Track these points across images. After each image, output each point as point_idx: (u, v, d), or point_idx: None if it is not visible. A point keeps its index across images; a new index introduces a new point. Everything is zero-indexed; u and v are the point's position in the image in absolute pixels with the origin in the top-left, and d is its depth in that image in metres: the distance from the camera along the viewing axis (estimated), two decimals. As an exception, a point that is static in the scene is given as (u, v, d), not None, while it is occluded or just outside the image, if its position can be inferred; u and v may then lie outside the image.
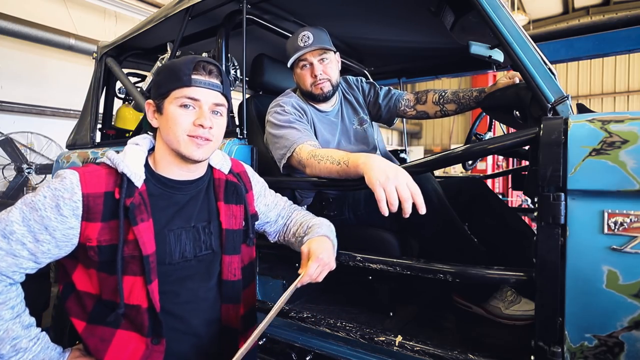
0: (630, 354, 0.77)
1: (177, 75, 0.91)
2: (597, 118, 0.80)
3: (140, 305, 0.87)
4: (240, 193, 1.07)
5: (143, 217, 0.88)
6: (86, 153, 1.96)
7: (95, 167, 0.91)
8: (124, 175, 0.88)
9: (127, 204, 0.86)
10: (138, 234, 0.86)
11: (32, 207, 0.82)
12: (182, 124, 0.91)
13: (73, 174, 0.86)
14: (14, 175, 4.61)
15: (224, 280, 1.00)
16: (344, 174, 1.14)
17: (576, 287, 0.80)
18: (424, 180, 1.27)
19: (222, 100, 0.96)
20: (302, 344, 1.28)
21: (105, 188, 0.87)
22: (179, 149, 0.92)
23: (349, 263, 1.17)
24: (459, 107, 1.59)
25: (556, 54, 1.79)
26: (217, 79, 0.95)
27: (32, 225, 0.82)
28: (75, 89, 5.21)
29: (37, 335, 0.85)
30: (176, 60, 0.96)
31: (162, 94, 0.93)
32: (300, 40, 1.43)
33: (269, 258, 1.50)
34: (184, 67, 0.91)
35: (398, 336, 1.09)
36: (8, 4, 4.72)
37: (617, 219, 0.76)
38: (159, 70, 0.98)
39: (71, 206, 0.83)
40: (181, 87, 0.91)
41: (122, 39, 1.97)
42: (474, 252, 1.25)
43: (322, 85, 1.48)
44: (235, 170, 1.11)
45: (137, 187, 0.89)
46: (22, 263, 0.83)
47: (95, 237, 0.85)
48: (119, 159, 0.90)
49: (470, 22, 1.39)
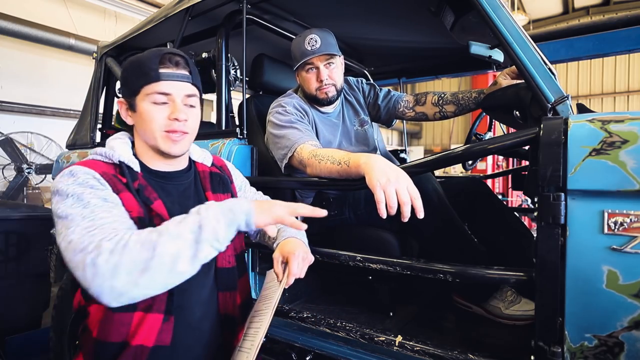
0: (630, 354, 0.77)
1: (144, 71, 0.89)
2: (597, 118, 0.80)
3: None
4: (226, 182, 1.08)
5: (154, 195, 0.88)
6: (86, 153, 1.96)
7: (87, 160, 0.89)
8: (122, 163, 0.88)
9: (135, 186, 0.86)
10: (157, 208, 0.86)
11: (78, 198, 0.78)
12: (157, 120, 0.90)
13: (77, 167, 0.84)
14: (14, 175, 4.62)
15: (219, 267, 1.00)
16: (344, 174, 1.14)
17: (576, 287, 0.80)
18: (424, 180, 1.27)
19: (193, 90, 0.95)
20: (302, 344, 1.28)
21: (110, 172, 0.87)
22: (157, 146, 0.92)
23: (349, 263, 1.17)
24: (458, 108, 1.59)
25: (556, 54, 1.79)
26: (186, 70, 0.93)
27: (92, 201, 0.77)
28: (75, 89, 5.21)
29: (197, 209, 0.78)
30: (141, 55, 0.94)
31: (132, 92, 0.92)
32: (308, 43, 1.43)
33: (269, 258, 1.49)
34: (150, 62, 0.89)
35: (398, 336, 1.09)
36: (8, 4, 4.72)
37: (617, 219, 0.76)
38: (125, 66, 0.95)
39: (99, 182, 0.82)
40: (150, 83, 0.89)
41: (122, 39, 1.97)
42: (474, 252, 1.25)
43: (327, 90, 1.49)
44: (216, 163, 1.12)
45: (138, 172, 0.90)
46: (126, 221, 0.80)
47: (129, 209, 0.83)
48: (111, 152, 0.90)
49: (470, 22, 1.39)
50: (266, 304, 0.96)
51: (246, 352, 0.89)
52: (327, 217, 1.54)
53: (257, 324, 0.94)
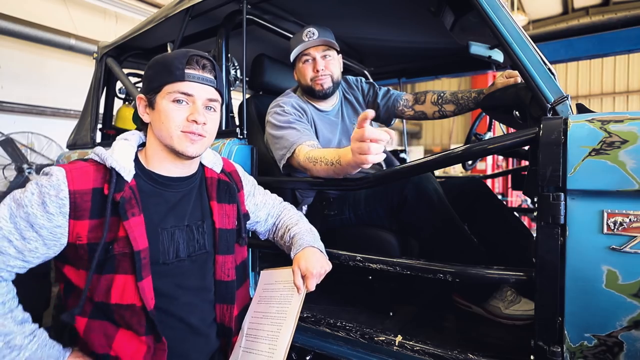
0: (629, 353, 0.77)
1: (170, 70, 0.89)
2: (596, 118, 0.80)
3: (134, 305, 0.85)
4: (233, 192, 1.06)
5: (134, 211, 0.85)
6: (86, 153, 1.96)
7: (82, 163, 0.88)
8: (112, 169, 0.86)
9: (116, 198, 0.84)
10: (129, 228, 0.83)
11: (19, 204, 0.81)
12: (175, 119, 0.89)
13: (59, 171, 0.83)
14: (15, 175, 4.61)
15: (217, 280, 0.99)
16: (341, 172, 1.14)
17: (576, 286, 0.81)
18: (424, 180, 1.27)
19: (215, 95, 0.95)
20: (302, 343, 1.29)
21: (93, 184, 0.85)
22: (172, 145, 0.91)
23: (349, 263, 1.17)
24: (457, 107, 1.59)
25: (556, 54, 1.79)
26: (211, 74, 0.94)
27: (19, 222, 0.80)
28: (75, 89, 5.20)
29: (32, 331, 0.82)
30: (168, 53, 0.94)
31: (154, 89, 0.91)
32: (305, 35, 1.45)
33: (269, 258, 1.50)
34: (176, 61, 0.89)
35: (398, 336, 1.09)
36: (8, 4, 4.72)
37: (616, 218, 0.76)
38: (150, 64, 0.94)
39: (57, 203, 0.81)
40: (174, 82, 0.89)
41: (122, 39, 1.97)
42: (474, 252, 1.25)
43: (323, 81, 1.48)
44: (226, 169, 1.10)
45: (127, 182, 0.87)
46: (8, 260, 0.80)
47: (85, 235, 0.83)
48: (107, 154, 0.88)
49: (470, 22, 1.39)
50: (278, 308, 0.98)
51: (264, 355, 0.92)
52: (327, 217, 1.55)
53: (271, 327, 0.96)
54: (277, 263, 1.48)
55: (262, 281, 1.09)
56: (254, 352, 0.95)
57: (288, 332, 0.91)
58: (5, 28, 4.45)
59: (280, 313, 0.97)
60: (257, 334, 0.98)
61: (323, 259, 1.04)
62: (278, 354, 0.89)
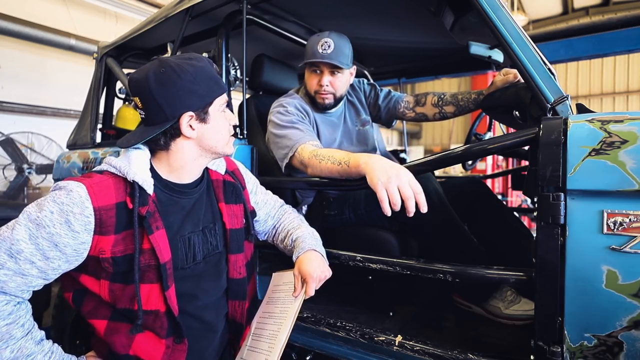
0: (629, 353, 0.77)
1: (216, 81, 0.94)
2: (596, 118, 0.80)
3: (158, 310, 0.87)
4: (239, 192, 1.08)
5: (158, 224, 0.86)
6: (86, 153, 1.96)
7: (99, 176, 0.86)
8: (135, 183, 0.85)
9: (142, 213, 0.84)
10: (154, 242, 0.84)
11: (39, 224, 0.78)
12: (226, 127, 0.98)
13: (80, 187, 0.81)
14: (15, 175, 4.61)
15: (230, 278, 1.03)
16: (345, 174, 1.14)
17: (576, 286, 0.81)
18: (424, 180, 1.27)
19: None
20: (302, 343, 1.29)
21: (115, 199, 0.84)
22: (225, 151, 0.98)
23: (349, 263, 1.17)
24: (457, 109, 1.59)
25: (556, 54, 1.79)
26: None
27: (41, 242, 0.78)
28: (75, 89, 5.20)
29: (50, 349, 0.83)
30: (200, 65, 0.92)
31: (206, 103, 0.92)
32: (321, 45, 1.41)
33: (269, 258, 1.50)
34: (216, 73, 0.96)
35: (398, 336, 1.09)
36: (8, 4, 4.72)
37: (616, 218, 0.76)
38: (193, 79, 0.89)
39: (83, 221, 0.80)
40: (223, 93, 0.96)
41: (122, 39, 1.97)
42: (474, 252, 1.25)
43: (324, 96, 1.49)
44: (229, 168, 1.12)
45: (150, 195, 0.87)
46: (31, 282, 0.80)
47: (109, 249, 0.82)
48: (126, 167, 0.86)
49: (470, 22, 1.39)
50: (281, 308, 1.01)
51: (264, 353, 0.94)
52: (327, 217, 1.55)
53: (273, 327, 0.98)
54: (277, 263, 1.49)
55: (272, 282, 1.12)
56: (257, 350, 0.97)
57: (285, 332, 0.93)
58: (5, 28, 4.45)
59: (282, 313, 0.99)
60: (262, 333, 1.00)
61: (324, 264, 1.06)
62: (274, 352, 0.91)
